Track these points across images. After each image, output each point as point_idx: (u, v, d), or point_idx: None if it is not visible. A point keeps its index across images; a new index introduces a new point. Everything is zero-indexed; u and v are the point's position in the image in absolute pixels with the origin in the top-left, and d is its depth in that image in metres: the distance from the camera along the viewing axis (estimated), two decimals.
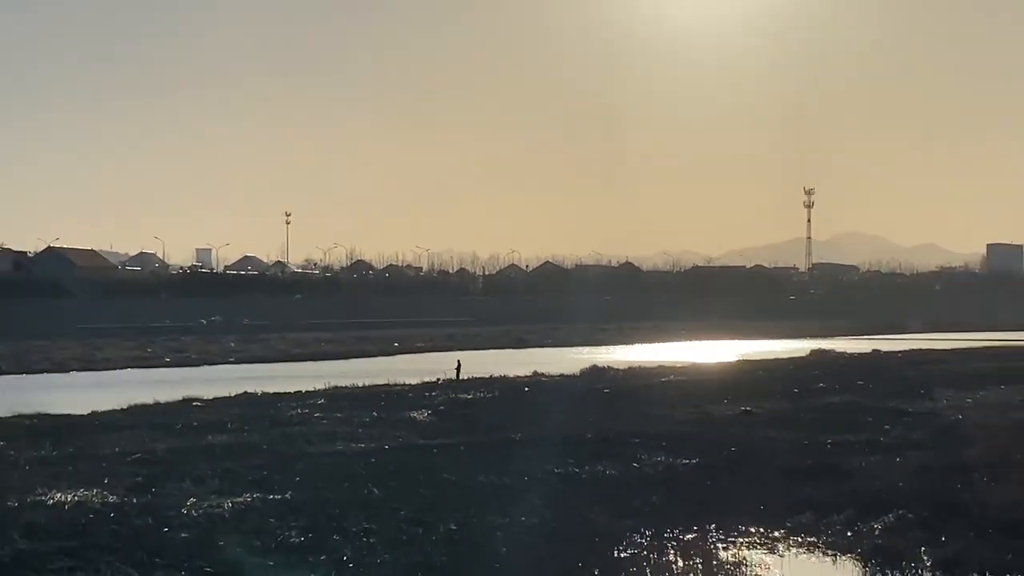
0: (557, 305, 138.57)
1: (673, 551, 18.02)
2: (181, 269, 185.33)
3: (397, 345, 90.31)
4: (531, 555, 17.37)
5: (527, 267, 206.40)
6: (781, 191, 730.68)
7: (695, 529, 19.27)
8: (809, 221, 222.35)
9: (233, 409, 37.76)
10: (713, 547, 18.40)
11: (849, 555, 18.15)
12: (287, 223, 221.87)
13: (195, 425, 32.75)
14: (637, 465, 24.98)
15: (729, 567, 17.40)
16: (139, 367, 69.27)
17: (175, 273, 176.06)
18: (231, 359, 75.52)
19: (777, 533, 19.32)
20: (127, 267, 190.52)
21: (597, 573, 16.80)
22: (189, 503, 20.38)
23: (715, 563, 17.52)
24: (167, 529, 18.50)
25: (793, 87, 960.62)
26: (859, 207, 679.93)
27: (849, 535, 19.03)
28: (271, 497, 21.07)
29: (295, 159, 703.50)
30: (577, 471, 24.20)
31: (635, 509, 20.51)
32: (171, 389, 46.65)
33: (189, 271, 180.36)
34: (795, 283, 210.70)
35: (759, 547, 18.66)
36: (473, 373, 52.50)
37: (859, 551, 18.17)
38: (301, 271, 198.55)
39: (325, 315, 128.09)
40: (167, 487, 22.25)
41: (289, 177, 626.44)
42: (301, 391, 44.31)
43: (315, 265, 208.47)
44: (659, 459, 25.70)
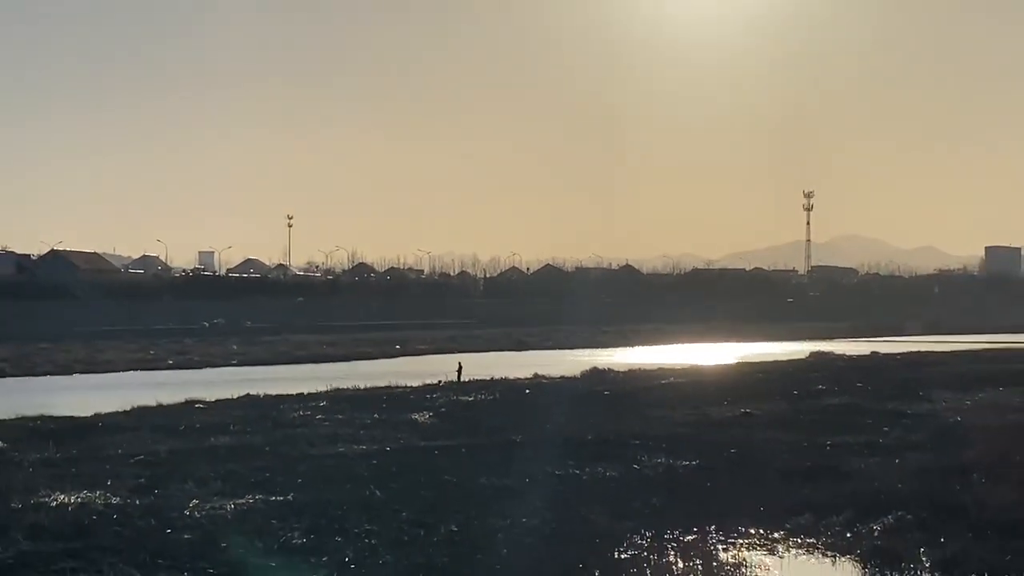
0: (558, 308, 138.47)
1: (673, 552, 18.00)
2: (184, 272, 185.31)
3: (398, 347, 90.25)
4: (532, 556, 17.36)
5: (528, 270, 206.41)
6: (780, 194, 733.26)
7: (695, 530, 19.26)
8: (808, 224, 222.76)
9: (235, 411, 37.75)
10: (713, 548, 18.39)
11: (848, 556, 18.14)
12: (289, 226, 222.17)
13: (198, 427, 32.75)
14: (637, 467, 24.98)
15: (729, 568, 17.39)
16: (142, 369, 69.18)
17: (178, 276, 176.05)
18: (233, 361, 75.41)
19: (777, 534, 19.31)
20: (130, 270, 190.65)
21: (597, 574, 16.79)
22: (192, 504, 20.38)
23: (715, 564, 17.51)
24: (170, 530, 18.50)
25: (792, 91, 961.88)
26: (858, 210, 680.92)
27: (848, 536, 19.02)
28: (273, 498, 21.07)
29: (297, 163, 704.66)
30: (577, 473, 24.19)
31: (635, 510, 20.51)
32: (174, 391, 46.61)
33: (192, 274, 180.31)
34: (794, 285, 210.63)
35: (759, 548, 18.64)
36: (474, 375, 52.46)
37: (858, 552, 18.16)
38: (303, 274, 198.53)
39: (327, 318, 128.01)
40: (170, 488, 22.24)
41: (291, 180, 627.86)
42: (303, 393, 44.26)
43: (317, 268, 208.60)
44: (659, 461, 25.69)
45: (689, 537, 18.91)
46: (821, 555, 18.42)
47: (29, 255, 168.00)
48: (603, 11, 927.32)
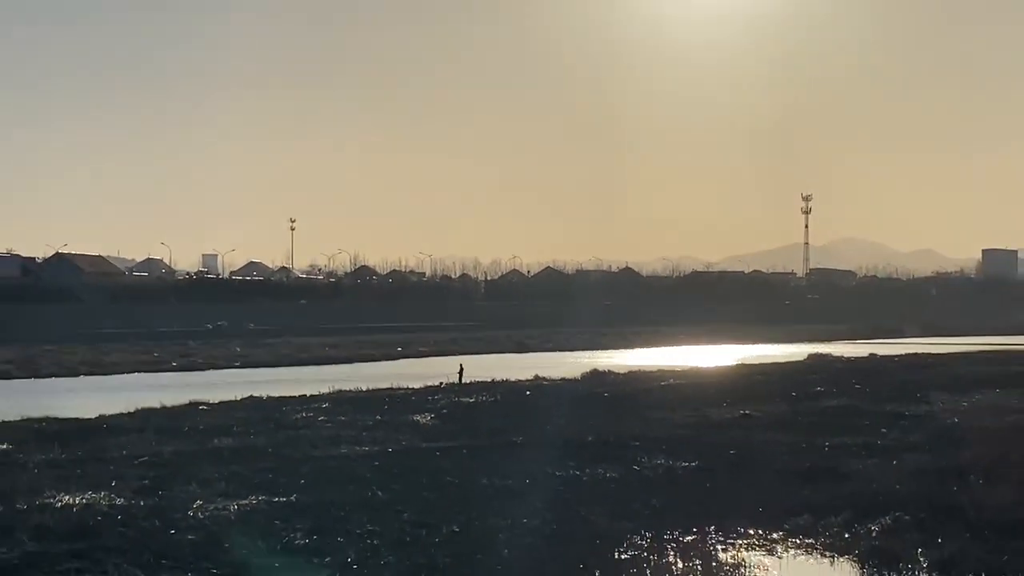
0: (558, 310, 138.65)
1: (673, 552, 17.99)
2: (187, 275, 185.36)
3: (400, 349, 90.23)
4: (532, 556, 17.36)
5: (528, 272, 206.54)
6: (779, 197, 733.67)
7: (694, 531, 19.25)
8: (807, 227, 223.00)
9: (239, 413, 37.73)
10: (712, 549, 18.37)
11: (847, 556, 18.13)
12: (292, 229, 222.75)
13: (201, 428, 32.72)
14: (637, 468, 24.96)
15: (728, 568, 17.38)
16: (146, 371, 69.14)
17: (182, 279, 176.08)
18: (237, 363, 75.36)
19: (776, 535, 19.29)
20: (134, 273, 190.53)
21: (598, 574, 16.79)
22: (195, 505, 20.36)
23: (714, 564, 17.50)
24: (174, 531, 18.49)
25: (791, 94, 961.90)
26: (856, 213, 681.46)
27: (847, 537, 19.00)
28: (276, 499, 21.05)
29: (299, 166, 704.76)
30: (578, 474, 24.18)
31: (635, 511, 20.49)
32: (178, 393, 46.60)
33: (195, 277, 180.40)
34: (793, 288, 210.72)
35: (758, 549, 18.63)
36: (475, 377, 52.45)
37: (856, 553, 18.15)
38: (306, 277, 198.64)
39: (329, 320, 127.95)
40: (174, 490, 22.21)
41: (294, 184, 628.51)
42: (306, 395, 44.28)
43: (319, 271, 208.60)
44: (659, 462, 25.66)
45: (689, 537, 18.89)
46: (820, 555, 18.41)
47: (34, 258, 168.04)
48: (603, 20, 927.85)
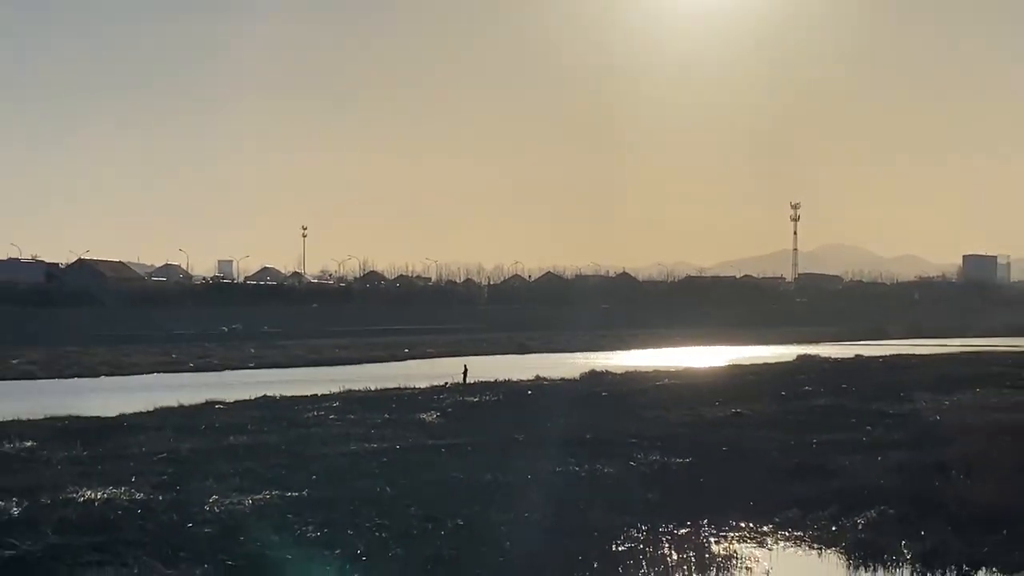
0: (558, 313, 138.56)
1: (668, 545, 18.02)
2: (204, 280, 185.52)
3: (407, 351, 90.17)
4: (534, 549, 17.38)
5: (529, 277, 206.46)
6: (769, 204, 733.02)
7: (688, 524, 19.28)
8: (795, 234, 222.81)
9: (253, 412, 37.73)
10: (705, 541, 18.40)
11: (833, 549, 18.16)
12: (304, 236, 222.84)
13: (217, 426, 32.73)
14: (634, 464, 24.96)
15: (721, 560, 17.40)
16: (165, 372, 69.18)
17: (198, 284, 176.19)
18: (251, 364, 75.37)
19: (766, 528, 19.33)
20: (153, 278, 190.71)
21: (596, 566, 16.81)
22: (212, 500, 20.37)
23: (707, 556, 17.52)
24: (191, 524, 18.51)
25: (780, 107, 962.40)
26: (842, 220, 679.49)
27: (833, 530, 19.03)
28: (289, 494, 21.06)
29: (311, 176, 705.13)
30: (577, 470, 24.17)
31: (632, 505, 20.51)
32: (195, 392, 46.59)
33: (212, 282, 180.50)
34: (782, 292, 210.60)
35: (749, 541, 18.66)
36: (479, 377, 52.43)
37: (843, 545, 18.18)
38: (317, 281, 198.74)
39: (340, 323, 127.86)
40: (191, 485, 22.23)
41: (306, 193, 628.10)
42: (317, 394, 44.26)
43: (330, 276, 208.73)
44: (655, 458, 25.66)
45: (683, 530, 18.92)
46: (808, 547, 18.43)
47: (58, 264, 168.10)
48: (601, 26, 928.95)
